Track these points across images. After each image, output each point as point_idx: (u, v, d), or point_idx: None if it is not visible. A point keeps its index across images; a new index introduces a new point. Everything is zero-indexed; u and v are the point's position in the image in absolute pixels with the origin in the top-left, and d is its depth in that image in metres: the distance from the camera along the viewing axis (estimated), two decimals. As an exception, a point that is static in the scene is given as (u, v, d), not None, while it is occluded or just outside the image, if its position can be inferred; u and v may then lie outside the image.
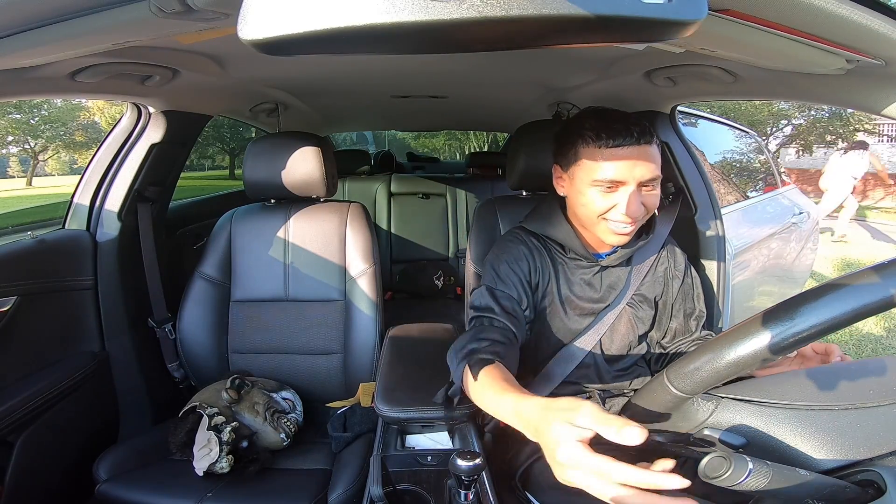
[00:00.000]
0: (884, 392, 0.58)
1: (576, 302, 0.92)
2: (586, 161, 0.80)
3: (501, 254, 0.93)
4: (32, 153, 9.33)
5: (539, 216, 0.96)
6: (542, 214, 0.96)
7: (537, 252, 0.93)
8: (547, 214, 0.94)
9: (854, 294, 0.44)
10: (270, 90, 1.50)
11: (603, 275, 0.94)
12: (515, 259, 0.91)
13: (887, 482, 0.48)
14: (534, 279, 0.91)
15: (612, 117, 0.79)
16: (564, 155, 0.85)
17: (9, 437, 1.03)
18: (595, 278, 0.93)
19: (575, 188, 0.84)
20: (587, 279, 0.93)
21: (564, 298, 0.92)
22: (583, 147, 0.80)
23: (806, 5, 0.49)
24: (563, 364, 0.92)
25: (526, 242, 0.94)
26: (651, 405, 0.57)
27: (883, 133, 10.61)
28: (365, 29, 0.32)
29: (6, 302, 1.08)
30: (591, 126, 0.79)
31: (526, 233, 0.96)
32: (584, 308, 0.93)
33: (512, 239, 0.95)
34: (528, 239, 0.94)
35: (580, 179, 0.82)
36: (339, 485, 0.98)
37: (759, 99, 1.42)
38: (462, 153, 8.52)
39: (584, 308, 0.93)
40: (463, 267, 2.08)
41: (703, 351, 0.50)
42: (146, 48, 0.88)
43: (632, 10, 0.32)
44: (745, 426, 0.57)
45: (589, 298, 0.93)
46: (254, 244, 1.36)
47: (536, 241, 0.94)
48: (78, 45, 0.67)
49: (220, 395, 1.13)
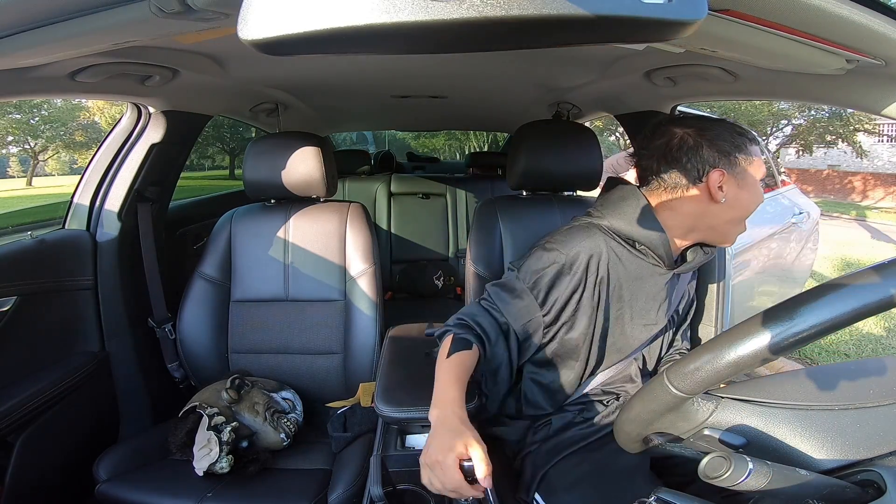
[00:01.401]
0: (884, 392, 0.58)
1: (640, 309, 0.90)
2: (758, 157, 0.83)
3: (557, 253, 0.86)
4: (32, 153, 9.34)
5: (626, 214, 0.88)
6: (629, 210, 0.88)
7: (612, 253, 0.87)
8: (634, 210, 0.88)
9: (854, 294, 0.44)
10: (270, 90, 1.50)
11: (671, 282, 0.92)
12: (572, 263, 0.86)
13: (887, 482, 0.47)
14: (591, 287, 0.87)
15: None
16: (733, 154, 0.82)
17: (9, 437, 1.03)
18: (665, 285, 0.91)
19: (747, 185, 0.82)
20: (658, 285, 0.90)
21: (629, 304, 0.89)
22: (751, 146, 0.83)
23: (806, 5, 0.49)
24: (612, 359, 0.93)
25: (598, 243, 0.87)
26: (651, 405, 0.57)
27: (883, 133, 10.61)
28: (365, 29, 0.32)
29: (6, 302, 1.08)
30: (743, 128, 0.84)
31: (602, 230, 0.88)
32: (648, 317, 0.91)
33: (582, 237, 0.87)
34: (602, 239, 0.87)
35: (752, 175, 0.83)
36: (339, 485, 0.98)
37: (759, 99, 1.42)
38: (462, 153, 8.53)
39: (649, 317, 0.91)
40: (463, 267, 2.08)
41: (703, 351, 0.50)
42: (146, 48, 0.88)
43: (632, 10, 0.32)
44: (745, 426, 0.57)
45: (655, 306, 0.91)
46: (254, 244, 1.36)
47: (614, 241, 0.88)
48: (78, 45, 0.67)
49: (220, 395, 1.13)
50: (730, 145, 0.81)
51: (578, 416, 0.92)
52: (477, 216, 1.22)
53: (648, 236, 0.86)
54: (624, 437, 0.64)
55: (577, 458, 0.88)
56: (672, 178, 0.84)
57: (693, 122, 0.84)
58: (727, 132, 0.82)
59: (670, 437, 0.61)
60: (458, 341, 0.81)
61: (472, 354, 0.80)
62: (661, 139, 0.85)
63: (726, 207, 0.83)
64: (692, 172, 0.82)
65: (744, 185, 0.82)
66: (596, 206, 0.93)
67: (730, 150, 0.81)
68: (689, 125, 0.84)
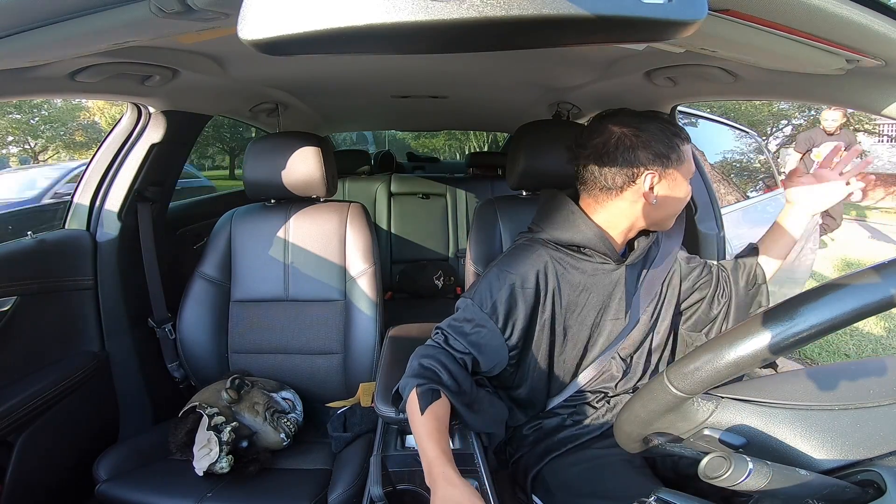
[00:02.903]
0: (884, 392, 0.58)
1: (601, 307, 0.91)
2: (687, 159, 0.85)
3: (507, 275, 0.87)
4: (32, 153, 9.34)
5: (559, 222, 0.90)
6: (561, 218, 0.90)
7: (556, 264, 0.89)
8: (566, 217, 0.90)
9: (854, 294, 0.44)
10: (270, 90, 1.50)
11: (630, 274, 0.92)
12: (522, 282, 0.87)
13: (887, 482, 0.47)
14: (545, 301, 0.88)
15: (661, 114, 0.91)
16: (666, 157, 0.83)
17: (9, 437, 1.03)
18: (621, 279, 0.91)
19: (677, 186, 0.85)
20: (612, 281, 0.91)
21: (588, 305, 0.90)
22: (683, 146, 0.85)
23: (806, 5, 0.49)
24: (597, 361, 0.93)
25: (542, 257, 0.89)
26: (651, 405, 0.57)
27: (883, 133, 10.60)
28: (365, 29, 0.32)
29: (6, 302, 1.08)
30: (678, 127, 0.86)
31: (542, 244, 0.91)
32: (610, 312, 0.92)
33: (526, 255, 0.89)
34: (545, 252, 0.90)
35: (683, 176, 0.85)
36: (339, 485, 0.98)
37: (759, 99, 1.42)
38: (462, 153, 8.51)
39: (611, 312, 0.92)
40: (463, 267, 2.08)
41: (703, 351, 0.50)
42: (146, 48, 0.88)
43: (632, 10, 0.32)
44: (745, 426, 0.57)
45: (615, 300, 0.91)
46: (254, 244, 1.36)
47: (557, 252, 0.90)
48: (78, 45, 0.67)
49: (220, 395, 1.13)
50: (664, 146, 0.82)
51: (568, 418, 0.93)
52: (477, 216, 1.22)
53: (585, 237, 0.88)
54: (624, 436, 0.64)
55: (569, 457, 0.88)
56: (606, 179, 0.85)
57: (630, 121, 0.84)
58: (661, 132, 0.83)
59: (670, 437, 0.61)
60: (425, 394, 0.77)
61: (443, 403, 0.78)
62: (599, 137, 0.85)
63: (658, 208, 0.85)
64: (626, 173, 0.83)
65: (674, 187, 0.84)
66: (534, 220, 0.96)
67: (663, 152, 0.82)
68: (626, 124, 0.84)
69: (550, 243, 0.90)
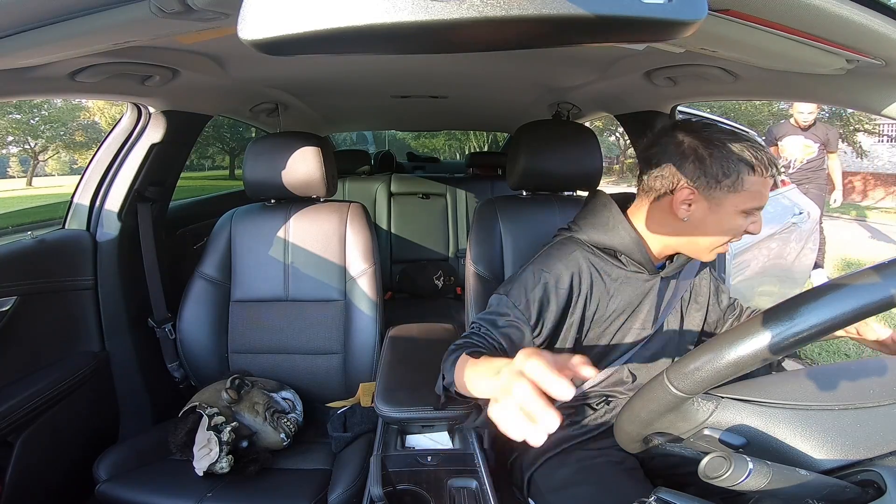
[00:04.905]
0: (884, 392, 0.58)
1: (626, 316, 0.90)
2: (750, 191, 0.76)
3: (543, 274, 0.86)
4: (32, 153, 9.34)
5: (599, 224, 0.89)
6: (602, 220, 0.89)
7: (591, 267, 0.87)
8: (606, 220, 0.88)
9: (854, 294, 0.44)
10: (270, 90, 1.50)
11: (661, 287, 0.91)
12: (557, 282, 0.85)
13: (887, 482, 0.48)
14: (576, 303, 0.87)
15: (758, 142, 0.78)
16: (716, 178, 0.76)
17: (9, 437, 1.03)
18: (653, 290, 0.90)
19: (719, 213, 0.78)
20: (642, 291, 0.89)
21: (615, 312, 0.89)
22: (748, 176, 0.76)
23: (806, 5, 0.49)
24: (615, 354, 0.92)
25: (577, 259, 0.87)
26: (651, 405, 0.57)
27: (883, 133, 10.60)
28: (365, 29, 0.32)
29: (6, 302, 1.08)
30: (754, 155, 0.75)
31: (579, 244, 0.89)
32: (635, 323, 0.91)
33: (562, 255, 0.88)
34: (580, 254, 0.88)
35: (733, 206, 0.77)
36: (339, 485, 0.98)
37: (759, 99, 1.42)
38: (462, 153, 8.52)
39: (636, 323, 0.91)
40: (463, 267, 2.08)
41: (703, 351, 0.50)
42: (146, 48, 0.88)
43: (632, 10, 0.32)
44: (745, 426, 0.57)
45: (642, 312, 0.90)
46: (254, 244, 1.36)
47: (593, 254, 0.88)
48: (78, 45, 0.67)
49: (220, 395, 1.13)
50: (720, 168, 0.75)
51: (567, 419, 0.93)
52: (477, 216, 1.22)
53: (622, 241, 0.86)
54: (624, 436, 0.64)
55: (566, 458, 0.88)
56: (649, 180, 0.83)
57: (702, 133, 0.78)
58: (728, 154, 0.75)
59: (670, 437, 0.61)
60: (472, 354, 0.74)
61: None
62: (665, 138, 0.82)
63: (689, 226, 0.81)
64: (667, 180, 0.80)
65: (717, 212, 0.78)
66: (575, 218, 0.94)
67: (715, 172, 0.76)
68: (696, 135, 0.79)
69: (587, 245, 0.89)
